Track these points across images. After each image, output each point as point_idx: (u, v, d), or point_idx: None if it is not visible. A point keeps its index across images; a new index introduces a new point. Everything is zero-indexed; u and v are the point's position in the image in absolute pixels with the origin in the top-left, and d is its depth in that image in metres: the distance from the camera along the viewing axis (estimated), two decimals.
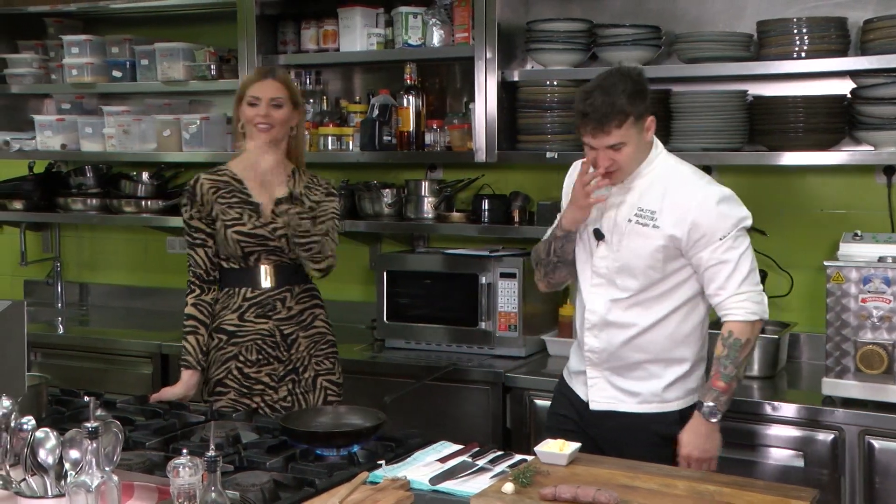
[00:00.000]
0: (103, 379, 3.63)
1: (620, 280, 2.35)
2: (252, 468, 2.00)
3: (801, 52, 2.96)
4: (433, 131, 3.52)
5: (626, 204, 2.35)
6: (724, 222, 2.28)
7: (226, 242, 2.62)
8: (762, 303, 2.32)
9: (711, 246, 2.27)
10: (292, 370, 2.67)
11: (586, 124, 2.26)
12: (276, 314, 2.66)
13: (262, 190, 2.65)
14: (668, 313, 2.35)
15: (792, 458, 2.68)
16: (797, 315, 3.22)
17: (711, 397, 2.29)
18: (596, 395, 2.42)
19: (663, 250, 2.30)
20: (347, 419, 2.25)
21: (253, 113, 2.64)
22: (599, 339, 2.39)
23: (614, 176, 2.32)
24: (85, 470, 1.64)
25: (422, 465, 2.04)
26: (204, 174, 2.68)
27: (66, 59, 4.06)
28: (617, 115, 2.23)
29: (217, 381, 2.65)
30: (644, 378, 2.37)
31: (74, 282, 4.51)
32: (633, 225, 2.33)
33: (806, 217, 3.24)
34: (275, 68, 2.88)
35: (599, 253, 2.38)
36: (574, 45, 3.26)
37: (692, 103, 3.11)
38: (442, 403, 3.12)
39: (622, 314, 2.36)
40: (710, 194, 2.30)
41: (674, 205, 2.30)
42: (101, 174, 4.21)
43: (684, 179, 2.35)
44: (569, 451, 2.04)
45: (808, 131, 2.98)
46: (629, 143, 2.27)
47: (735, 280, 2.28)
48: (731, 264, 2.28)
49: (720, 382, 2.29)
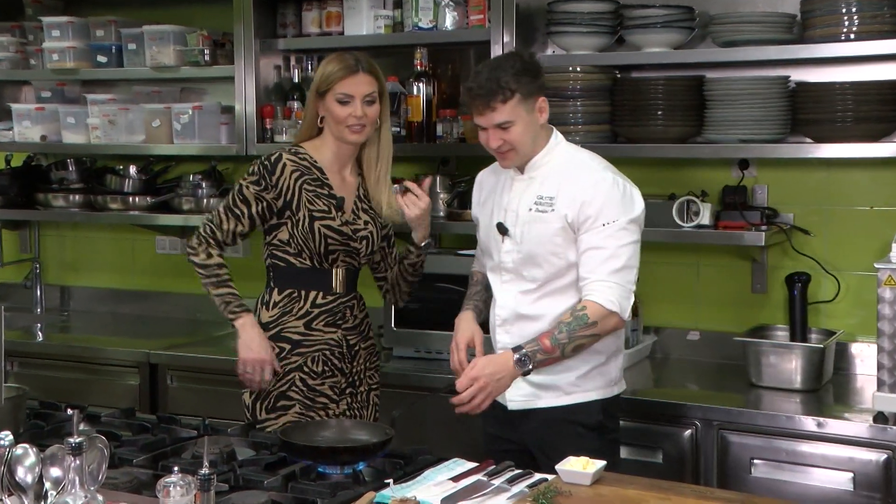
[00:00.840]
0: (86, 390, 3.64)
1: (527, 271, 2.49)
2: (249, 487, 2.00)
3: (849, 34, 2.95)
4: (445, 122, 3.51)
5: (526, 194, 2.51)
6: (611, 209, 2.39)
7: (310, 236, 2.62)
8: (628, 299, 2.41)
9: (594, 230, 2.40)
10: (351, 383, 2.70)
11: (473, 102, 2.42)
12: (344, 323, 2.69)
13: (343, 183, 2.68)
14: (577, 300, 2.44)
15: (840, 481, 2.66)
16: (845, 322, 3.20)
17: (531, 348, 2.39)
18: (513, 394, 2.51)
19: (561, 233, 2.44)
20: (353, 434, 2.25)
21: (346, 113, 2.61)
22: (511, 333, 2.51)
23: (508, 157, 2.47)
24: (67, 489, 1.65)
25: (433, 485, 2.04)
26: (286, 154, 2.65)
27: (46, 42, 4.08)
28: (502, 91, 2.38)
29: (280, 394, 2.64)
30: (559, 370, 2.47)
31: (55, 285, 4.53)
32: (534, 213, 2.48)
33: (854, 215, 3.22)
34: (361, 57, 2.68)
35: (505, 247, 2.52)
36: (599, 27, 3.25)
37: (728, 91, 3.10)
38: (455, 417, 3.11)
39: (532, 306, 2.49)
40: (604, 178, 2.44)
41: (569, 187, 2.44)
42: (85, 168, 4.23)
43: (582, 164, 2.50)
44: (593, 470, 2.04)
45: (858, 121, 2.97)
46: (517, 122, 2.41)
47: (607, 267, 2.38)
48: (608, 251, 2.38)
49: (547, 341, 2.38)
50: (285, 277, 2.66)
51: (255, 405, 2.66)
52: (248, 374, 2.64)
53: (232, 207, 2.66)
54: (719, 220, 3.19)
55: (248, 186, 2.64)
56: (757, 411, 2.78)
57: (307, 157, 2.67)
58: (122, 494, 1.92)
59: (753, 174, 3.32)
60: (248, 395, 2.68)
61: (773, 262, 3.30)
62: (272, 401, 2.64)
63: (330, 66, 2.66)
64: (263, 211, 2.64)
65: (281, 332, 2.65)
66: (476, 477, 2.08)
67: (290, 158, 2.65)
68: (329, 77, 2.64)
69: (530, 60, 2.49)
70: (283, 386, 2.64)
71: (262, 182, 2.63)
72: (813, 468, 2.70)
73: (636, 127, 3.22)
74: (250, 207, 2.64)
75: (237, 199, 2.65)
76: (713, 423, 2.80)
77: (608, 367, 2.53)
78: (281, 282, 2.67)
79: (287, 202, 2.63)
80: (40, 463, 1.78)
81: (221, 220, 2.66)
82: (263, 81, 3.69)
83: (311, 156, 2.68)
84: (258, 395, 2.65)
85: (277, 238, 2.67)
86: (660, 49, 3.20)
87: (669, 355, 3.43)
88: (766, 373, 2.98)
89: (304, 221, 2.62)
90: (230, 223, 2.65)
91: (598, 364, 2.50)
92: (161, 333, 3.95)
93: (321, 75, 2.67)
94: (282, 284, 2.67)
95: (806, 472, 2.70)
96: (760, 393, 2.97)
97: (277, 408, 2.62)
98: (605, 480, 2.06)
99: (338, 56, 2.68)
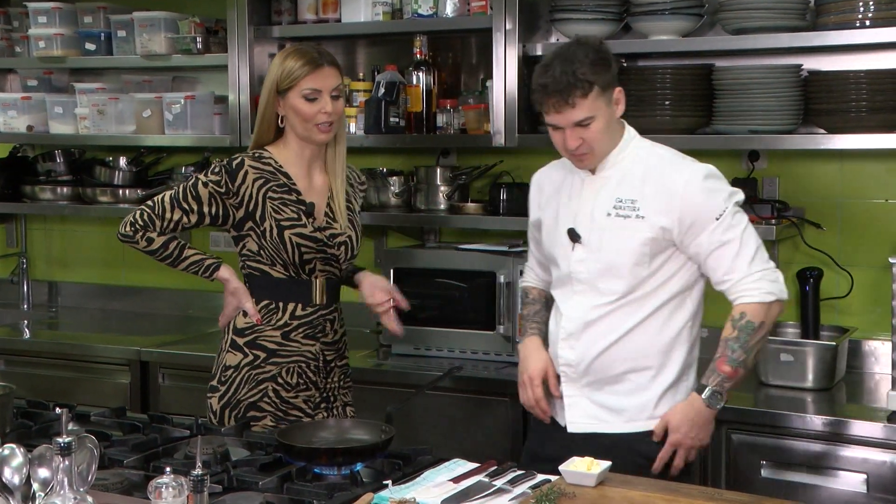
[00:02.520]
0: (76, 389, 3.64)
1: (604, 283, 2.34)
2: (243, 488, 2.00)
3: (864, 21, 2.94)
4: (446, 112, 3.51)
5: (601, 197, 2.35)
6: (716, 200, 2.28)
7: (281, 246, 2.55)
8: (778, 281, 2.31)
9: (709, 228, 2.27)
10: (325, 398, 2.67)
11: (548, 99, 2.26)
12: (324, 337, 2.64)
13: (311, 186, 2.62)
14: (652, 312, 2.33)
15: (853, 483, 2.67)
16: (858, 319, 3.21)
17: (715, 381, 2.28)
18: (574, 415, 2.39)
19: (651, 243, 2.30)
20: (351, 434, 2.25)
21: (314, 110, 2.52)
22: (575, 349, 2.37)
23: (586, 159, 2.33)
24: (56, 491, 1.65)
25: (432, 486, 2.05)
26: (247, 158, 2.57)
27: (33, 29, 4.08)
28: (581, 85, 2.24)
29: (250, 403, 2.59)
30: (630, 392, 2.36)
31: (42, 280, 4.53)
32: (613, 219, 2.33)
33: (868, 208, 3.22)
34: (321, 49, 2.61)
35: (577, 256, 2.37)
36: (605, 14, 3.25)
37: (738, 80, 3.09)
38: (455, 416, 3.12)
39: (604, 319, 2.35)
40: (695, 171, 2.31)
41: (657, 190, 2.30)
42: (73, 159, 4.23)
43: (663, 161, 2.35)
44: (598, 471, 2.04)
45: (873, 111, 2.96)
46: (598, 118, 2.27)
47: (743, 260, 2.27)
48: (736, 244, 2.27)
49: (726, 367, 2.28)
50: (262, 288, 2.60)
51: (224, 412, 2.60)
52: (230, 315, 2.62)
53: (181, 200, 2.55)
54: None
55: (208, 184, 2.54)
56: (767, 411, 2.78)
57: (271, 161, 2.58)
58: (113, 496, 1.92)
59: (764, 166, 3.31)
60: (217, 399, 2.62)
61: (784, 257, 3.30)
62: (242, 410, 2.59)
63: (290, 62, 2.55)
64: (217, 214, 2.56)
65: (257, 340, 2.60)
66: (477, 478, 2.08)
67: (252, 165, 2.56)
68: (292, 73, 2.53)
69: (602, 48, 2.32)
70: (255, 396, 2.59)
71: (224, 186, 2.54)
72: (825, 469, 2.70)
73: (643, 117, 3.21)
74: (202, 205, 2.54)
75: (189, 193, 2.55)
76: (722, 423, 2.79)
77: (679, 387, 2.37)
78: (258, 292, 2.61)
79: (249, 212, 2.55)
80: (28, 464, 1.78)
81: (165, 210, 2.55)
82: (258, 70, 3.68)
83: (276, 160, 2.59)
84: (227, 402, 2.60)
85: (247, 248, 2.60)
86: (667, 37, 3.20)
87: None
88: (777, 371, 2.99)
89: (271, 231, 2.54)
90: (175, 214, 2.55)
91: (670, 384, 2.36)
92: (152, 330, 3.95)
93: (281, 72, 2.55)
94: (259, 295, 2.61)
95: (818, 474, 2.71)
96: (771, 392, 2.97)
97: (248, 418, 2.57)
98: (609, 482, 2.06)
99: (296, 50, 2.58)
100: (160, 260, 2.61)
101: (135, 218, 2.59)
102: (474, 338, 3.30)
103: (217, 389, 2.63)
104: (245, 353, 2.60)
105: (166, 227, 2.57)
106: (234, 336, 2.62)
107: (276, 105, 2.58)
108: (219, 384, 2.63)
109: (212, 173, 2.57)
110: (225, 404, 2.61)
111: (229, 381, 2.61)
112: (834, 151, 3.18)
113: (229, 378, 2.61)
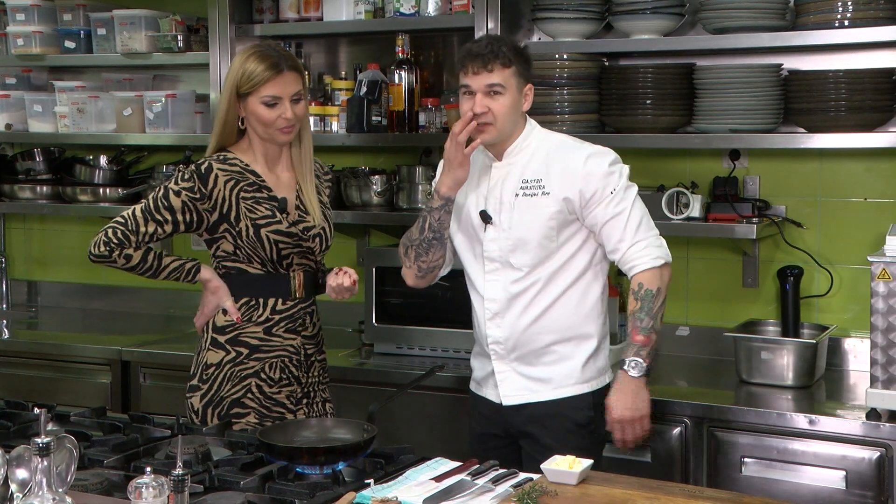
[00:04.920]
0: (55, 389, 3.62)
1: (515, 259, 2.53)
2: (224, 488, 1.99)
3: (843, 21, 2.96)
4: (428, 111, 3.52)
5: (509, 179, 2.55)
6: (612, 176, 2.51)
7: (258, 245, 2.54)
8: (663, 246, 2.54)
9: (605, 201, 2.49)
10: (306, 394, 2.66)
11: (470, 62, 2.47)
12: (304, 330, 2.64)
13: (279, 182, 2.61)
14: (568, 286, 2.53)
15: (832, 479, 2.68)
16: (837, 317, 3.23)
17: (633, 352, 2.48)
18: (507, 389, 2.57)
19: (557, 216, 2.50)
20: (333, 433, 2.25)
21: (274, 115, 2.51)
22: (502, 327, 2.55)
23: (486, 130, 2.49)
24: (34, 491, 1.64)
25: (415, 485, 2.05)
26: (213, 161, 2.55)
27: (11, 26, 4.05)
28: (502, 58, 2.47)
29: (234, 400, 2.58)
30: (555, 362, 2.55)
31: (22, 280, 4.51)
32: (521, 199, 2.52)
33: (848, 207, 3.24)
34: (282, 52, 2.59)
35: (489, 236, 2.55)
36: (586, 13, 3.26)
37: (719, 79, 3.11)
38: (438, 415, 3.12)
39: (524, 294, 2.53)
40: (594, 152, 2.54)
41: (562, 168, 2.51)
42: (53, 158, 4.20)
43: (565, 143, 2.58)
44: (579, 469, 2.05)
45: (852, 110, 2.98)
46: (507, 93, 2.48)
47: (631, 228, 2.49)
48: (625, 214, 2.49)
49: (639, 336, 2.48)
50: (240, 285, 2.59)
51: (206, 410, 2.58)
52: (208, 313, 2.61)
53: (154, 212, 2.52)
54: (709, 212, 3.21)
55: (180, 193, 2.51)
56: (748, 408, 2.80)
57: (237, 162, 2.57)
58: (93, 497, 1.92)
59: (745, 165, 3.33)
60: (198, 398, 2.60)
61: (764, 255, 3.32)
62: (225, 407, 2.57)
63: (251, 65, 2.52)
64: (192, 220, 2.54)
65: (238, 337, 2.59)
66: (459, 477, 2.08)
67: (220, 167, 2.54)
68: (252, 77, 2.50)
69: (524, 49, 2.58)
70: (238, 392, 2.57)
71: (197, 191, 2.51)
72: (805, 466, 2.72)
73: (624, 116, 3.23)
74: (175, 214, 2.52)
75: (161, 204, 2.52)
76: (703, 421, 2.82)
77: (599, 355, 2.59)
78: (237, 290, 2.59)
79: (224, 215, 2.53)
80: (6, 464, 1.77)
81: (138, 224, 2.52)
82: None
83: (242, 160, 2.58)
84: (210, 400, 2.58)
85: (221, 250, 2.59)
86: (649, 36, 3.21)
87: (658, 351, 3.44)
88: (758, 369, 3.00)
89: (247, 231, 2.53)
90: (150, 227, 2.52)
91: (591, 353, 2.56)
92: (133, 330, 3.94)
93: (242, 75, 2.52)
94: (238, 293, 2.60)
95: (798, 471, 2.72)
96: (751, 389, 2.99)
97: (231, 415, 2.55)
98: (591, 480, 2.07)
99: (257, 52, 2.54)
100: (140, 274, 2.59)
101: (108, 237, 2.53)
102: (456, 336, 3.30)
103: (198, 388, 2.61)
104: (227, 351, 2.59)
105: (142, 242, 2.54)
106: (214, 334, 2.61)
107: (236, 108, 2.56)
108: (200, 383, 2.61)
109: (182, 180, 2.54)
110: (208, 402, 2.59)
111: (211, 379, 2.59)
112: (814, 150, 3.20)
113: (211, 376, 2.59)
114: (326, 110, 3.64)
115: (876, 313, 2.64)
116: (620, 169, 2.53)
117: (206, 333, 2.64)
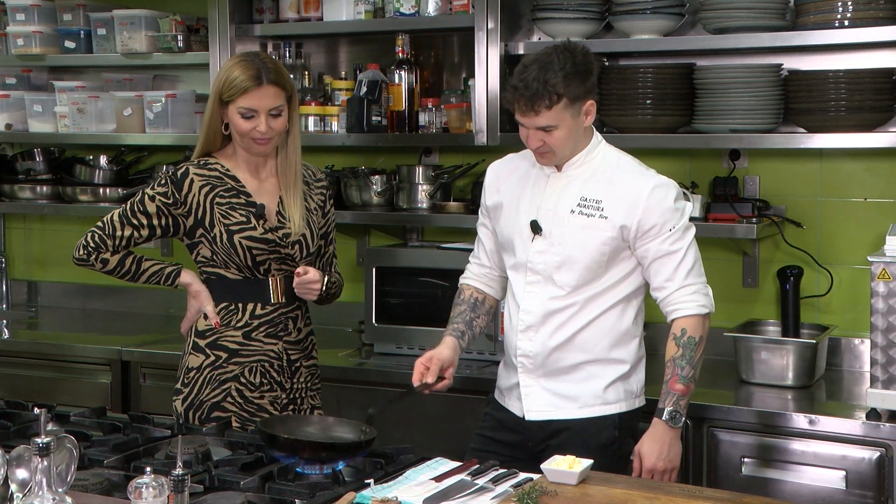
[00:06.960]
0: (55, 389, 3.62)
1: (559, 276, 2.43)
2: (224, 488, 1.99)
3: (843, 21, 2.96)
4: (428, 111, 3.51)
5: (566, 193, 2.44)
6: (675, 213, 2.41)
7: (231, 251, 2.54)
8: (709, 295, 2.46)
9: (661, 237, 2.39)
10: (293, 400, 2.65)
11: (517, 101, 2.35)
12: (287, 335, 2.63)
13: (261, 188, 2.61)
14: (605, 310, 2.44)
15: (832, 479, 2.69)
16: (837, 317, 3.23)
17: (671, 401, 2.40)
18: (531, 404, 2.48)
19: (611, 242, 2.40)
20: (335, 432, 2.25)
21: (249, 127, 2.50)
22: (534, 341, 2.46)
23: (546, 157, 2.42)
24: (34, 492, 1.64)
25: (414, 485, 2.05)
26: (191, 167, 2.57)
27: (11, 26, 4.05)
28: (548, 96, 2.31)
29: (213, 404, 2.58)
30: (583, 380, 2.46)
31: (22, 280, 4.50)
32: (577, 216, 2.42)
33: (848, 207, 3.24)
34: (267, 63, 2.54)
35: (536, 247, 2.45)
36: (586, 13, 3.26)
37: (719, 79, 3.11)
38: (437, 415, 3.12)
39: (561, 312, 2.44)
40: (661, 184, 2.42)
41: (623, 193, 2.40)
42: (53, 158, 4.20)
43: (631, 168, 2.46)
44: (579, 469, 2.05)
45: (852, 110, 2.98)
46: (561, 127, 2.36)
47: (682, 271, 2.41)
48: (679, 255, 2.40)
49: (678, 385, 2.40)
50: (220, 290, 2.60)
51: (188, 414, 2.59)
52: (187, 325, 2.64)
53: (130, 217, 2.56)
54: (709, 212, 3.21)
55: (155, 198, 2.54)
56: (748, 408, 2.80)
57: (217, 167, 2.58)
58: (93, 497, 1.92)
59: (745, 165, 3.33)
60: (181, 402, 2.61)
61: (764, 255, 3.32)
62: (205, 411, 2.58)
63: (234, 73, 2.52)
64: (167, 225, 2.56)
65: (218, 341, 2.59)
66: (459, 477, 2.08)
67: (197, 172, 2.56)
68: (231, 86, 2.50)
69: (583, 59, 2.37)
70: (218, 396, 2.58)
71: (171, 196, 2.54)
72: (805, 466, 2.72)
73: (624, 116, 3.23)
74: (150, 219, 2.55)
75: (137, 208, 2.56)
76: (703, 421, 2.82)
77: (630, 379, 2.49)
78: (217, 295, 2.60)
79: (199, 220, 2.54)
80: (6, 465, 1.77)
81: (115, 228, 2.56)
82: None
83: (223, 164, 2.58)
84: (191, 404, 2.59)
85: (201, 255, 2.60)
86: (649, 36, 3.21)
87: (658, 351, 3.42)
88: (757, 369, 3.01)
89: (221, 237, 2.53)
90: (126, 231, 2.56)
91: (622, 374, 2.46)
92: (133, 330, 3.94)
93: (224, 82, 2.52)
94: (218, 297, 2.60)
95: (797, 471, 2.72)
96: (751, 389, 2.99)
97: (211, 418, 2.56)
98: (591, 480, 2.07)
99: (241, 61, 2.53)
100: (119, 277, 2.61)
101: (86, 241, 2.59)
102: None
103: (180, 392, 2.63)
104: (207, 355, 2.60)
105: (118, 245, 2.58)
106: (195, 338, 2.62)
107: (220, 113, 2.57)
108: (182, 386, 2.63)
109: (158, 185, 2.58)
110: (189, 406, 2.60)
111: (192, 383, 2.60)
112: (814, 150, 3.20)
113: (192, 380, 2.61)
114: (326, 110, 3.64)
115: (876, 313, 2.64)
116: (684, 207, 2.43)
117: (189, 337, 2.65)
